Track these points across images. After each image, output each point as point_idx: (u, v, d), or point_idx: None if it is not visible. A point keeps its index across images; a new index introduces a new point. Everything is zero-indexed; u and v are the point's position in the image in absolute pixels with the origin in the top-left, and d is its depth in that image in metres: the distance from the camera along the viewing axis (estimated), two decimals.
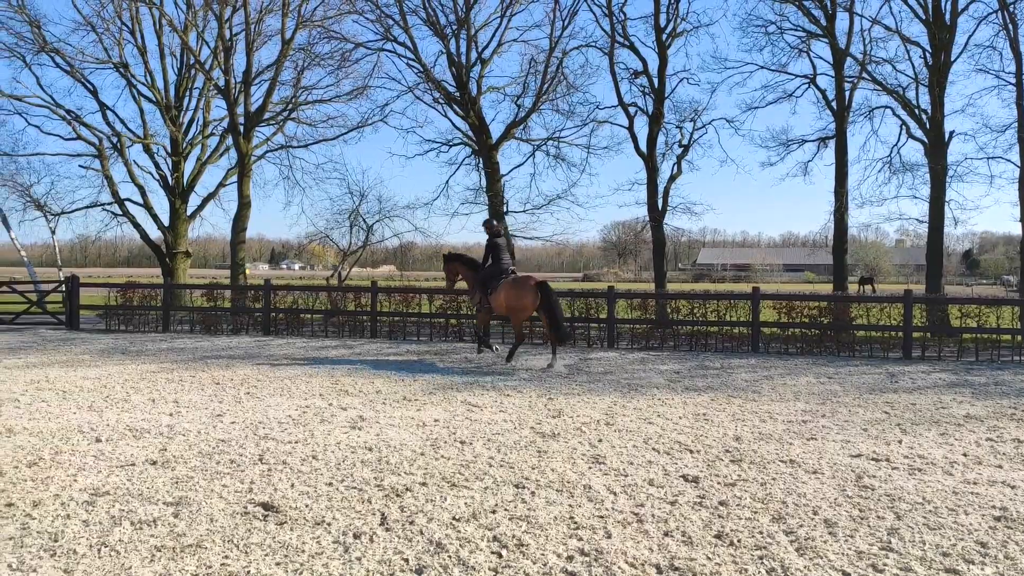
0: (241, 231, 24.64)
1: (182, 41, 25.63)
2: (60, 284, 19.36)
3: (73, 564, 3.82)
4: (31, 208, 29.25)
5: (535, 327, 15.19)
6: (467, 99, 21.73)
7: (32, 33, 24.86)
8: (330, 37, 23.20)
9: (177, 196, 27.13)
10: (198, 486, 5.16)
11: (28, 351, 13.16)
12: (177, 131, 26.93)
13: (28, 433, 6.70)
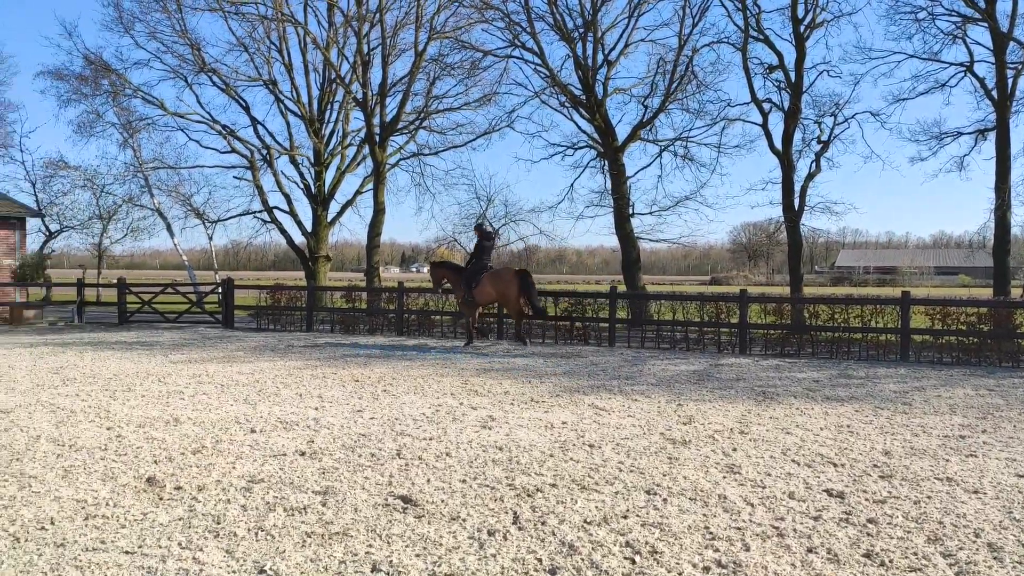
0: (376, 236, 25.80)
1: (324, 57, 27.19)
2: (217, 286, 21.07)
3: (234, 545, 4.15)
4: (191, 216, 32.05)
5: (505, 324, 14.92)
6: (593, 102, 21.69)
7: (192, 55, 27.22)
8: (460, 47, 23.86)
9: (319, 203, 28.80)
10: (343, 477, 5.46)
11: (190, 348, 14.41)
12: (319, 143, 28.59)
13: (192, 423, 7.34)
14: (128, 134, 29.43)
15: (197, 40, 27.22)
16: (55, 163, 32.67)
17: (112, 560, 3.90)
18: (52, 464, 5.75)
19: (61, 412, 7.76)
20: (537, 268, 74.28)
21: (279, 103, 28.75)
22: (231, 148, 28.86)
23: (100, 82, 28.20)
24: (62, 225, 35.32)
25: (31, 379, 10.04)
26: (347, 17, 25.94)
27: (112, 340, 15.78)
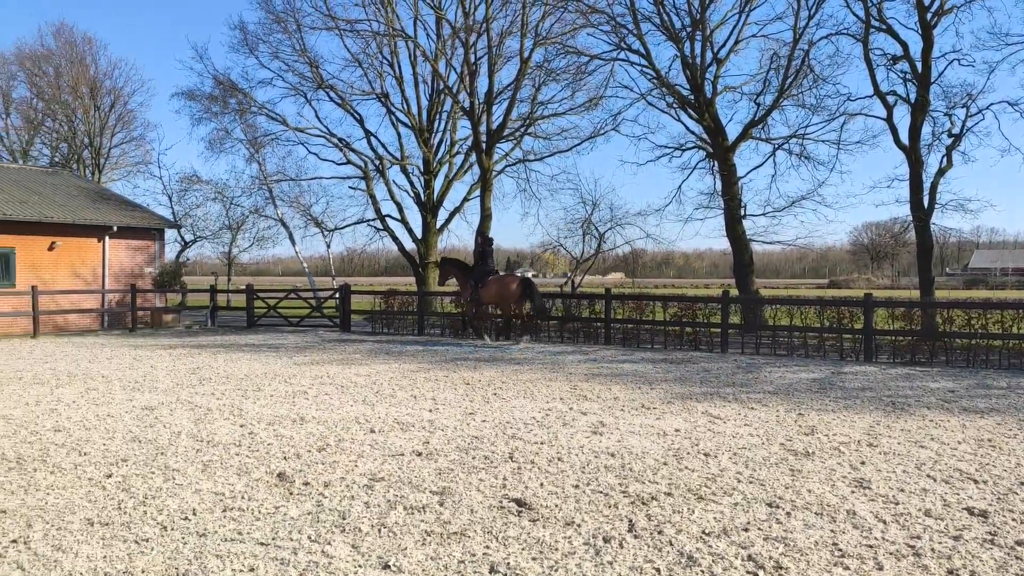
0: None
1: (433, 69, 27.95)
2: (335, 292, 22.03)
3: (359, 541, 4.32)
4: (311, 225, 33.67)
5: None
6: (702, 101, 21.18)
7: (311, 72, 28.65)
8: (566, 52, 23.91)
9: (428, 211, 29.60)
10: (458, 478, 5.57)
11: (312, 350, 15.14)
12: (429, 152, 29.40)
13: (316, 422, 7.70)
14: (254, 149, 31.34)
15: (315, 58, 28.64)
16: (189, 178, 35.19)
17: (248, 551, 4.15)
18: (192, 458, 6.18)
19: (199, 410, 8.34)
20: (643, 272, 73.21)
21: (390, 115, 29.79)
22: (347, 160, 30.15)
23: (228, 101, 30.18)
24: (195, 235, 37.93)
25: (171, 379, 10.85)
26: (455, 29, 26.56)
27: (242, 342, 16.81)
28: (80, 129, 40.35)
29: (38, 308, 18.71)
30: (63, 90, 40.25)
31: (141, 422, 7.64)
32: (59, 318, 20.88)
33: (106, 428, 7.35)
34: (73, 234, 21.85)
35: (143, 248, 23.82)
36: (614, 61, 22.71)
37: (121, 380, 10.69)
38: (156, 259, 24.20)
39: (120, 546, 4.21)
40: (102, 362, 12.97)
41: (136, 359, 13.42)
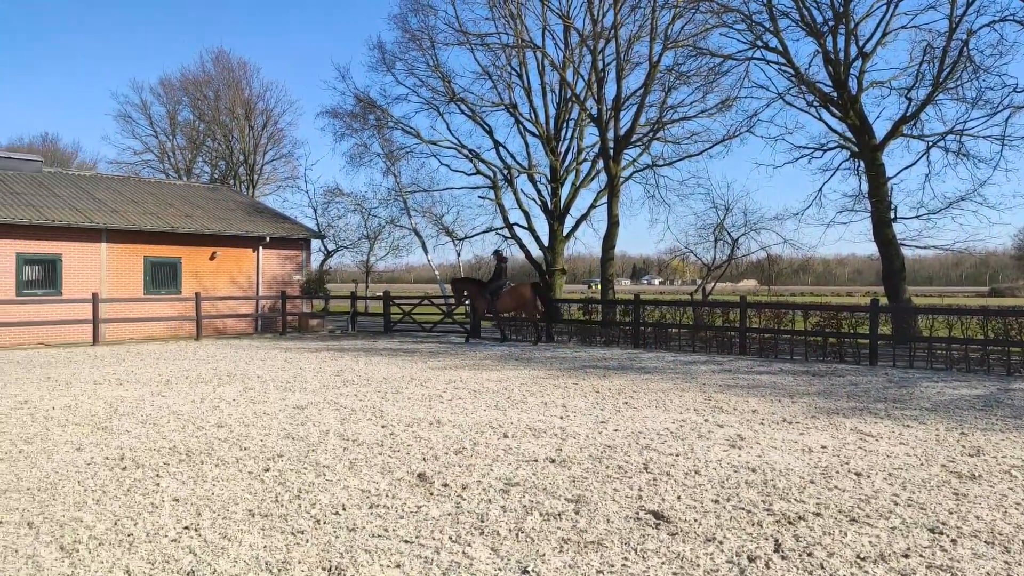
0: (610, 248, 26.04)
1: (560, 77, 28.14)
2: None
3: (498, 544, 4.39)
4: (442, 234, 34.77)
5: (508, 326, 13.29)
6: (845, 98, 20.02)
7: (444, 87, 29.64)
8: (697, 54, 23.35)
9: (555, 219, 29.78)
10: (592, 487, 5.55)
11: (444, 355, 15.60)
12: (556, 160, 29.60)
13: (452, 425, 7.92)
14: (390, 162, 32.79)
15: (447, 73, 29.62)
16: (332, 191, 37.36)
17: (394, 547, 4.33)
18: (340, 456, 6.53)
19: (344, 410, 8.80)
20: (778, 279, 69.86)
21: (518, 125, 30.27)
22: (476, 170, 30.92)
23: (367, 117, 31.79)
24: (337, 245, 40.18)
25: (318, 380, 11.52)
26: (583, 36, 26.61)
27: (380, 347, 17.60)
28: (236, 148, 43.81)
29: (201, 313, 20.44)
30: (221, 112, 43.87)
31: (293, 420, 8.16)
32: (219, 322, 22.72)
33: (263, 425, 7.90)
34: (231, 245, 23.73)
35: (292, 257, 25.49)
36: (748, 61, 21.93)
37: (274, 380, 11.47)
38: (303, 268, 25.82)
39: (278, 537, 4.51)
40: (257, 363, 13.98)
41: (286, 361, 14.36)
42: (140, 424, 7.97)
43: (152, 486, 5.58)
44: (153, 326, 21.27)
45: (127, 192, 24.86)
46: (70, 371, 12.78)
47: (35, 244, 19.68)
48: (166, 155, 46.18)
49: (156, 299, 21.52)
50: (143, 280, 21.69)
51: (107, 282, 20.92)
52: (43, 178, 23.71)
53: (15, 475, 5.89)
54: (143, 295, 21.52)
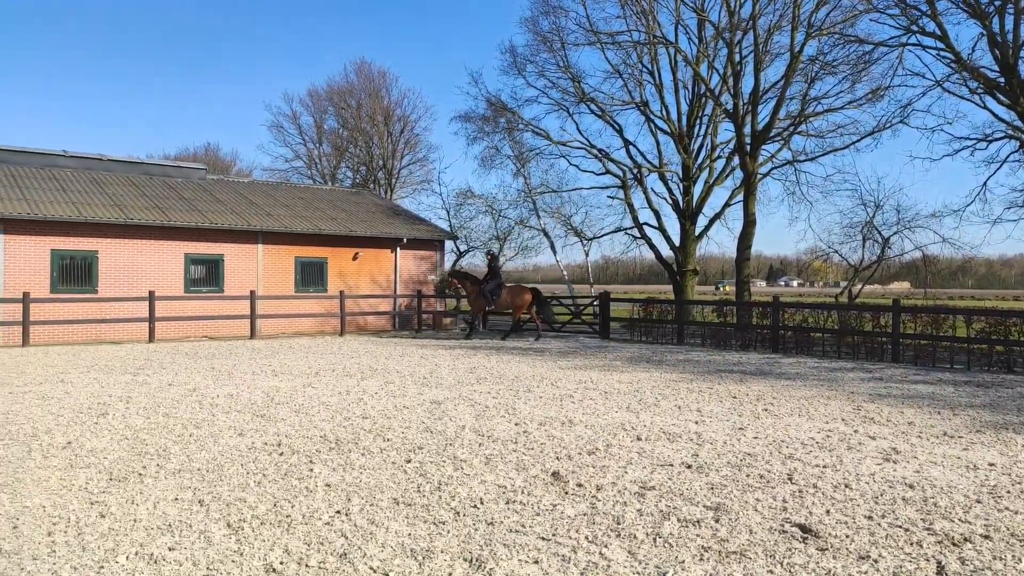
0: (746, 249, 25.07)
1: (694, 72, 27.42)
2: (594, 299, 22.52)
3: (635, 547, 4.35)
4: (571, 235, 34.81)
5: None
6: (1015, 84, 18.20)
7: (573, 87, 29.64)
8: (844, 42, 22.01)
9: (687, 218, 29.05)
10: (732, 495, 5.37)
11: (574, 355, 15.62)
12: (688, 158, 28.87)
13: (584, 426, 7.92)
14: (520, 164, 33.23)
15: (577, 73, 29.59)
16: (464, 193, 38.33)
17: (531, 544, 4.39)
18: (476, 451, 6.70)
19: (478, 406, 9.03)
20: (934, 282, 64.54)
21: (649, 122, 29.77)
22: (605, 170, 30.71)
23: (498, 120, 32.36)
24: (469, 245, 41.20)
25: (453, 376, 11.87)
26: (718, 29, 25.80)
27: (510, 346, 17.89)
28: (376, 153, 45.97)
29: (345, 310, 21.61)
30: (363, 119, 46.17)
31: (431, 414, 8.46)
32: (360, 319, 23.94)
33: (403, 418, 8.25)
34: (371, 246, 24.94)
35: (427, 257, 26.43)
36: (902, 47, 20.40)
37: (412, 376, 11.94)
38: (437, 267, 26.70)
39: (421, 526, 4.69)
40: (396, 359, 14.61)
41: (423, 357, 14.90)
42: (294, 413, 8.54)
43: (306, 471, 5.97)
44: (302, 322, 22.73)
45: (279, 197, 26.71)
46: (231, 362, 13.90)
47: (201, 246, 21.56)
48: (313, 161, 49.19)
49: (305, 297, 22.98)
50: (294, 279, 23.22)
51: (262, 281, 22.57)
52: (207, 185, 25.93)
53: (187, 456, 6.49)
54: (293, 293, 23.04)
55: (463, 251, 41.16)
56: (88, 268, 19.77)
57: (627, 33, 27.50)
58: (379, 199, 33.01)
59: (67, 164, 23.89)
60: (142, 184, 23.74)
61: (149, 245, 20.65)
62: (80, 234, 19.62)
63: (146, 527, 4.65)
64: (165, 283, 20.71)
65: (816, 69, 23.89)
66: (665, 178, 29.89)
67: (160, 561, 4.10)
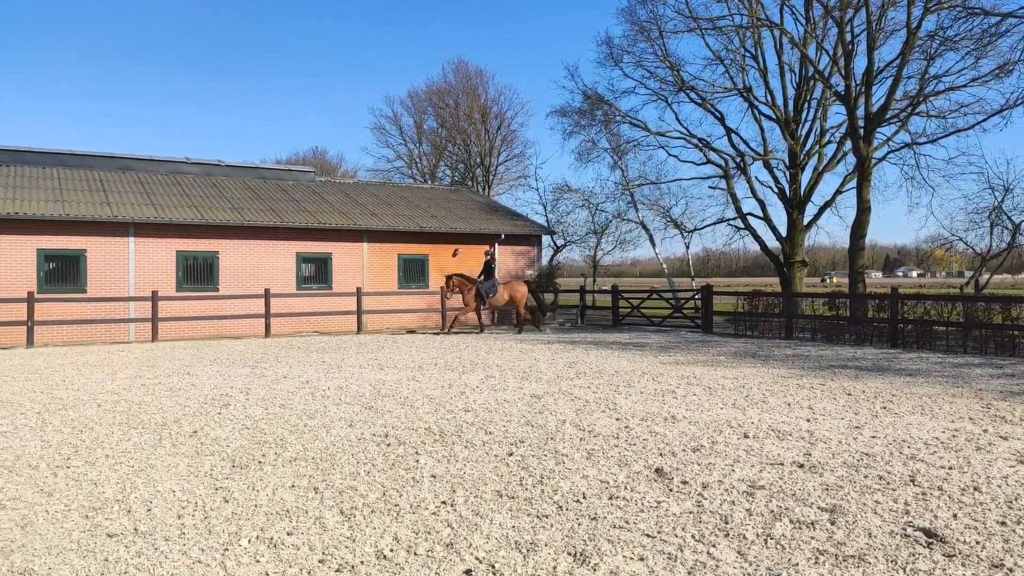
0: (860, 238, 23.81)
1: (801, 54, 26.24)
2: (696, 292, 21.98)
3: (744, 548, 4.22)
4: (670, 227, 34.16)
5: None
6: None
7: (672, 76, 29.00)
8: (967, 15, 20.48)
9: (794, 207, 27.87)
10: (849, 497, 5.12)
11: (675, 350, 15.31)
12: (795, 144, 27.68)
13: (687, 422, 7.75)
14: (617, 157, 32.86)
15: (676, 62, 28.93)
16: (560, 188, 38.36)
17: (636, 540, 4.33)
18: (577, 446, 6.68)
19: (578, 401, 9.00)
20: None
21: (752, 109, 28.73)
22: (706, 159, 29.89)
23: (595, 113, 32.10)
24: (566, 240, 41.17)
25: (552, 371, 11.89)
26: (827, 8, 24.57)
27: (609, 340, 17.74)
28: (473, 151, 46.64)
29: (446, 305, 22.06)
30: (461, 118, 46.94)
31: (531, 408, 8.51)
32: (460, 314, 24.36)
33: (504, 412, 8.33)
34: (471, 242, 25.32)
35: (524, 253, 26.58)
36: None
37: (512, 370, 12.05)
38: (535, 262, 26.81)
39: (524, 519, 4.73)
40: (495, 353, 14.78)
41: (522, 352, 15.01)
42: (399, 405, 8.80)
43: (412, 462, 6.14)
44: (405, 317, 23.37)
45: (383, 196, 27.56)
46: (340, 356, 14.47)
47: (311, 245, 22.55)
48: (414, 161, 50.47)
49: (407, 293, 23.62)
50: (397, 276, 23.91)
51: (367, 277, 23.37)
52: (315, 187, 27.07)
53: (302, 446, 6.80)
54: (397, 289, 23.73)
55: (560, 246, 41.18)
56: (210, 267, 21.07)
57: (728, 17, 26.63)
58: (477, 196, 33.46)
59: (189, 170, 25.54)
60: (257, 187, 25.06)
61: (264, 245, 21.78)
62: (202, 236, 20.93)
63: (266, 512, 4.91)
64: (279, 281, 21.79)
65: (935, 45, 22.36)
66: (770, 166, 28.78)
67: (279, 545, 4.32)
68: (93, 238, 19.60)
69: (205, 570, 3.97)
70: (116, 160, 24.51)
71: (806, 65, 26.72)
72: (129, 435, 7.28)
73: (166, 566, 4.02)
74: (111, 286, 19.76)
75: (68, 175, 22.53)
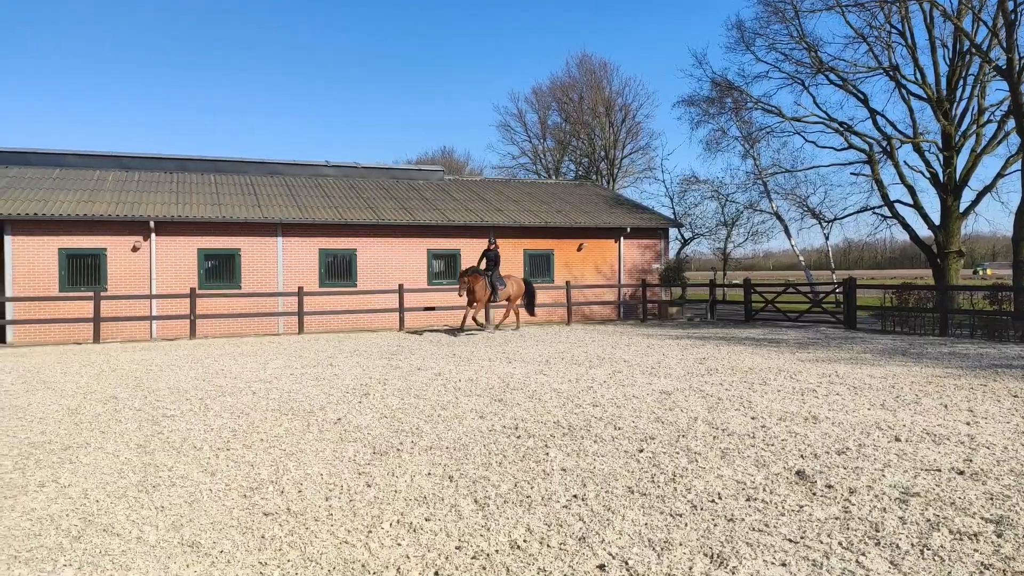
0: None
1: (955, 27, 24.13)
2: (836, 286, 20.76)
3: (898, 558, 3.95)
4: (807, 217, 32.47)
5: None
6: None
7: (809, 58, 27.52)
8: None
9: (948, 193, 25.72)
10: (1018, 508, 4.67)
11: (814, 347, 14.55)
12: (949, 125, 25.52)
13: (830, 423, 7.34)
14: (749, 145, 31.61)
15: (813, 42, 27.44)
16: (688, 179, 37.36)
17: (777, 545, 4.16)
18: (710, 444, 6.50)
19: (710, 398, 8.75)
20: None
21: (900, 88, 26.76)
22: (848, 144, 28.17)
23: (724, 101, 31.03)
24: (693, 232, 40.10)
25: (682, 367, 11.62)
26: None
27: (741, 336, 17.11)
28: (597, 144, 46.35)
29: (571, 300, 22.09)
30: (585, 112, 46.76)
31: (661, 405, 8.36)
32: (585, 308, 24.33)
33: (633, 407, 8.24)
34: (595, 236, 25.21)
35: (650, 246, 26.14)
36: None
37: (639, 365, 11.89)
38: (661, 256, 26.30)
39: (657, 516, 4.66)
40: (622, 348, 14.64)
41: (649, 347, 14.78)
42: (528, 398, 8.91)
43: (542, 455, 6.20)
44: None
45: (508, 193, 27.95)
46: (469, 349, 14.83)
47: (440, 242, 23.26)
48: (538, 157, 50.82)
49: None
50: (523, 270, 24.19)
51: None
52: (444, 185, 27.87)
53: (436, 435, 7.03)
54: None
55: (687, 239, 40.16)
56: (348, 264, 22.21)
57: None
58: (602, 190, 33.23)
59: (329, 172, 27.03)
60: (390, 187, 26.14)
61: (397, 243, 22.69)
62: (341, 234, 22.09)
63: (405, 498, 5.12)
64: (411, 276, 22.63)
65: None
66: (921, 149, 26.70)
67: (418, 530, 4.50)
68: (246, 238, 21.16)
69: (351, 550, 4.20)
70: (265, 165, 26.33)
71: (960, 39, 24.55)
72: (280, 421, 7.82)
73: (316, 545, 4.29)
74: (262, 282, 21.27)
75: (223, 180, 24.45)
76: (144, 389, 10.14)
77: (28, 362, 13.77)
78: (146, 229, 20.07)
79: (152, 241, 20.16)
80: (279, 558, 4.12)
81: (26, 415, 8.35)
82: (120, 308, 19.53)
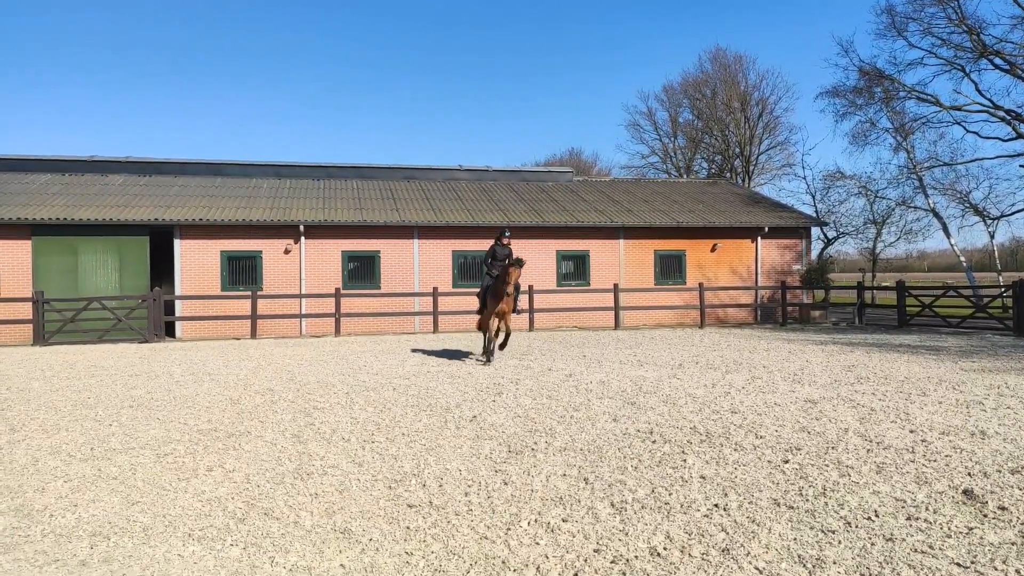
0: None
1: None
2: (1005, 289, 18.90)
3: None
4: (969, 214, 29.80)
5: None
6: None
7: (971, 41, 25.24)
8: None
9: None
10: None
11: (980, 355, 13.31)
12: None
13: (1001, 438, 6.68)
14: (901, 137, 29.42)
15: (975, 24, 25.15)
16: (832, 175, 35.24)
17: (943, 569, 3.83)
18: (864, 458, 6.08)
19: (862, 408, 8.20)
20: None
21: None
22: (1016, 134, 25.63)
23: (873, 91, 29.05)
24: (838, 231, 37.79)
25: (827, 374, 10.98)
26: None
27: (895, 342, 15.94)
28: (732, 141, 44.72)
29: (704, 302, 21.45)
30: (718, 108, 45.27)
31: (806, 414, 7.94)
32: (720, 311, 23.55)
33: (775, 416, 7.87)
34: (730, 236, 24.34)
35: (791, 246, 24.91)
36: None
37: (781, 371, 11.35)
38: (802, 257, 25.00)
39: (807, 532, 4.42)
40: (760, 353, 14.03)
41: (790, 352, 14.07)
42: (662, 403, 8.73)
43: (679, 461, 6.05)
44: (661, 314, 23.16)
45: (638, 193, 27.56)
46: (599, 351, 14.75)
47: (569, 243, 23.30)
48: (668, 156, 49.74)
49: (664, 289, 23.37)
50: (653, 272, 23.78)
51: (624, 274, 23.55)
52: (573, 186, 27.89)
53: (570, 437, 7.03)
54: (653, 285, 23.59)
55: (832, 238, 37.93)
56: (479, 265, 22.72)
57: None
58: (736, 188, 32.04)
59: (462, 176, 27.76)
60: (520, 189, 26.48)
61: (528, 244, 22.94)
62: (473, 236, 22.63)
63: (541, 497, 5.16)
64: (540, 277, 22.82)
65: None
66: None
67: (556, 530, 4.52)
68: (385, 241, 22.15)
69: (491, 547, 4.28)
70: (402, 170, 27.47)
71: None
72: (420, 416, 8.11)
73: (458, 538, 4.41)
74: (399, 283, 22.19)
75: (364, 185, 25.72)
76: (296, 382, 10.84)
77: (194, 355, 15.09)
78: (296, 233, 21.46)
79: (302, 244, 21.52)
80: (423, 549, 4.26)
81: (195, 404, 9.14)
82: (273, 306, 21.00)
